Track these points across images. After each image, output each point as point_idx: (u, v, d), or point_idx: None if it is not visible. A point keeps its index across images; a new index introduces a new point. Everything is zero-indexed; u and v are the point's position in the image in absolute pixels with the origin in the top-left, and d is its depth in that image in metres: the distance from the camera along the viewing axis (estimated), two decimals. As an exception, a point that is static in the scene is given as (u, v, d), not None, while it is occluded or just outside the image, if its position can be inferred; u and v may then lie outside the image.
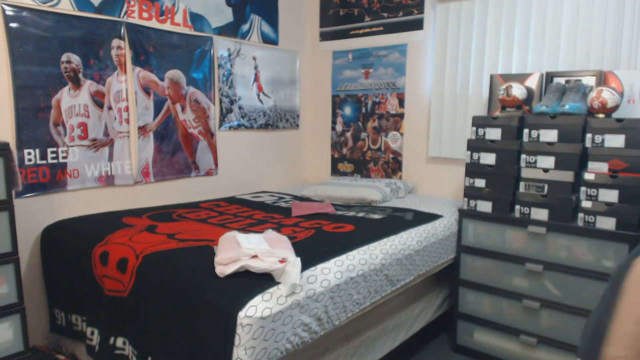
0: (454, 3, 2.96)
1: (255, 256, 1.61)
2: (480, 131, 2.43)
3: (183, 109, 2.92)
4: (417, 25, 3.20)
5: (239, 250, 1.65)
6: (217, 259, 1.65)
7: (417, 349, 2.59)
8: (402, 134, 3.38)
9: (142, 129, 2.70)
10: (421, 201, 2.91)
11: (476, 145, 2.44)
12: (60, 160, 2.35)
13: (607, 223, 2.07)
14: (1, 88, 2.14)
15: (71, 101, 2.37)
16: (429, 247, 2.30)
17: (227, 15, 3.14)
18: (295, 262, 1.60)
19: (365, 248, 1.97)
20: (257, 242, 1.73)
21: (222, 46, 3.11)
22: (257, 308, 1.46)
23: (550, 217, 2.22)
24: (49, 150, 2.31)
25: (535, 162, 2.27)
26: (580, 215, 2.14)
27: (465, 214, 2.48)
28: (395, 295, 2.15)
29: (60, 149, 2.35)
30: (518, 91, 2.44)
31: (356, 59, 3.51)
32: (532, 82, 2.56)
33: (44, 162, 2.29)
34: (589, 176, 2.11)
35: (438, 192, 3.22)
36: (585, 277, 2.11)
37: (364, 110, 3.54)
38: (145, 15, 2.67)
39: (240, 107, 3.28)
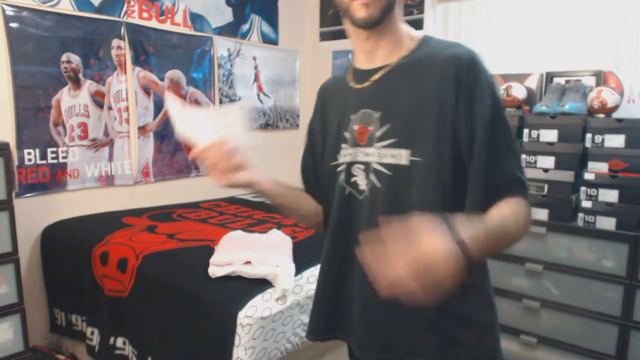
0: (454, 3, 2.96)
1: (248, 262, 1.62)
2: (480, 131, 2.42)
3: (183, 109, 2.91)
4: (417, 25, 3.19)
5: (235, 254, 1.65)
6: (212, 260, 1.66)
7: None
8: (402, 134, 3.37)
9: (142, 129, 2.70)
10: (421, 201, 2.90)
11: (476, 145, 2.43)
12: (60, 160, 2.35)
13: (607, 223, 2.07)
14: (1, 88, 2.14)
15: (71, 101, 2.37)
16: (429, 247, 2.30)
17: (227, 15, 3.14)
18: (289, 268, 1.60)
19: (365, 248, 1.97)
20: (255, 247, 1.74)
21: (222, 46, 3.11)
22: (257, 308, 1.46)
23: (550, 217, 2.22)
24: (49, 150, 2.30)
25: (535, 162, 2.27)
26: (580, 215, 2.14)
27: (465, 214, 2.48)
28: (395, 295, 2.15)
29: (60, 149, 2.35)
30: (518, 91, 2.44)
31: (356, 59, 3.51)
32: (532, 82, 2.55)
33: (44, 162, 2.29)
34: (589, 176, 2.11)
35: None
36: (585, 277, 2.11)
37: (364, 110, 3.54)
38: (145, 15, 2.66)
39: (240, 107, 3.28)
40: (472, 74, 0.84)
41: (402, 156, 0.86)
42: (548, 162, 2.23)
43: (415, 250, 0.64)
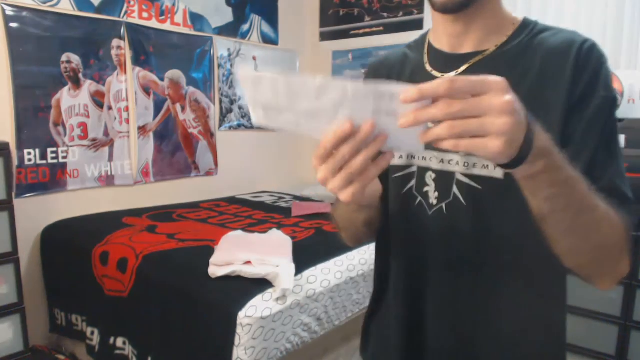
0: (454, 3, 2.96)
1: (248, 262, 1.62)
2: (480, 131, 2.42)
3: (183, 109, 2.92)
4: (417, 25, 3.19)
5: (234, 254, 1.66)
6: (212, 260, 1.66)
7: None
8: (402, 134, 3.37)
9: (142, 129, 2.70)
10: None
11: (476, 145, 2.43)
12: (60, 160, 2.35)
13: (607, 223, 2.07)
14: (1, 88, 2.14)
15: (71, 101, 2.37)
16: (429, 247, 2.30)
17: (227, 15, 3.14)
18: (288, 268, 1.60)
19: (365, 248, 1.97)
20: (255, 247, 1.74)
21: (222, 46, 3.11)
22: (257, 308, 1.46)
23: (550, 217, 2.22)
24: (49, 150, 2.30)
25: (535, 162, 2.27)
26: (580, 215, 2.14)
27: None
28: (395, 295, 2.15)
29: (60, 149, 2.35)
30: (518, 91, 2.44)
31: (356, 59, 3.51)
32: (532, 82, 2.55)
33: (44, 162, 2.29)
34: (589, 176, 2.11)
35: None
36: (585, 277, 2.11)
37: (364, 110, 3.54)
38: (145, 15, 2.66)
39: (240, 107, 3.28)
40: (593, 64, 0.68)
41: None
42: (548, 162, 2.23)
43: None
